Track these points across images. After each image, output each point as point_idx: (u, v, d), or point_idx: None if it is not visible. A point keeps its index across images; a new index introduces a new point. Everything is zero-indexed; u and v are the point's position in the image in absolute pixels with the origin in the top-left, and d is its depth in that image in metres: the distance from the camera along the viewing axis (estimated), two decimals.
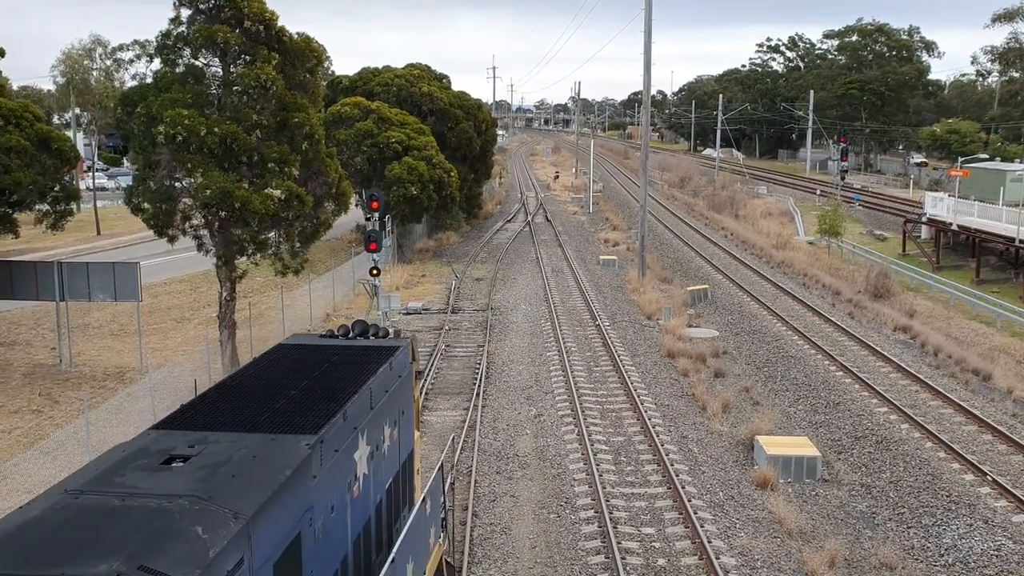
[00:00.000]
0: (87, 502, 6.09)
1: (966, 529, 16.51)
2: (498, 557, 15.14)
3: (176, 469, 6.76)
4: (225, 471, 6.73)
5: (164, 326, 32.71)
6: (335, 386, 9.07)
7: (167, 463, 6.84)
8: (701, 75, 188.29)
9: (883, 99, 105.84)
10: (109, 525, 5.75)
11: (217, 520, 6.02)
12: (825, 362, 27.53)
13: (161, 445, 7.19)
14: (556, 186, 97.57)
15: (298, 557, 7.24)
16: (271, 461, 7.07)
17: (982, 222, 45.45)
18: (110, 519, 5.83)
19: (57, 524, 5.77)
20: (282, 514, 6.90)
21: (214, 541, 5.81)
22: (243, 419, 7.95)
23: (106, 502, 6.08)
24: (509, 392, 24.42)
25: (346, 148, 42.41)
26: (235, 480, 6.61)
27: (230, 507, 6.23)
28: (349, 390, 8.96)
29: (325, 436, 7.85)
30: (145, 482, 6.46)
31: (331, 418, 8.10)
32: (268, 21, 23.79)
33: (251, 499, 6.45)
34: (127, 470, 6.69)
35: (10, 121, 27.40)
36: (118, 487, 6.36)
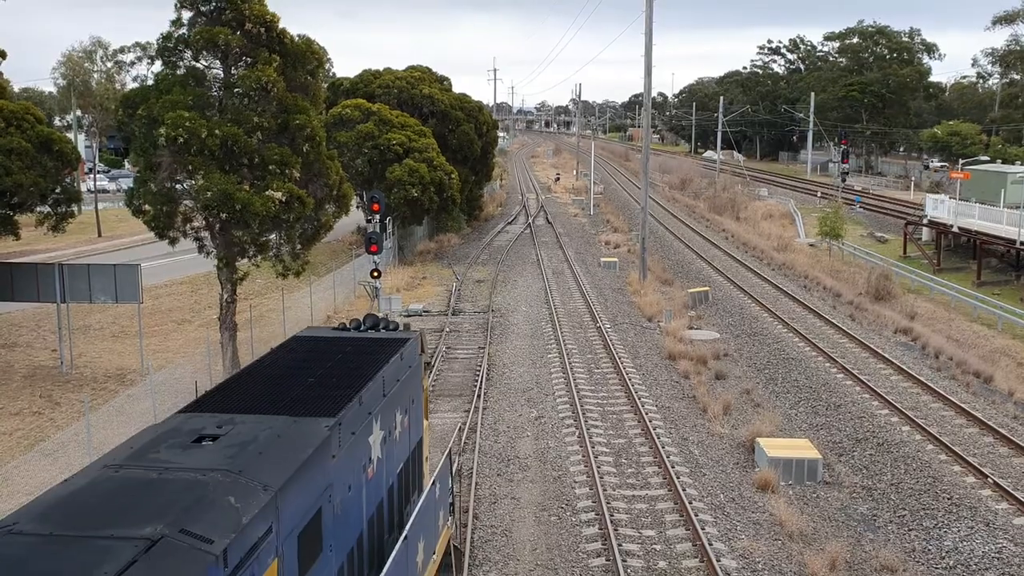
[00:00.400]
0: (127, 475, 6.57)
1: (967, 532, 16.49)
2: (499, 559, 15.13)
3: (207, 447, 7.21)
4: (252, 449, 7.17)
5: (165, 328, 32.71)
6: (350, 374, 9.52)
7: (198, 441, 7.31)
8: (702, 77, 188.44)
9: (884, 101, 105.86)
10: (149, 494, 6.23)
11: (248, 491, 6.50)
12: (826, 364, 27.52)
13: (191, 426, 7.69)
14: (557, 188, 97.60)
15: (319, 530, 7.72)
16: (294, 440, 7.54)
17: (983, 224, 45.44)
18: (150, 489, 6.31)
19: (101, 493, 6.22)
20: (305, 489, 7.36)
21: (246, 509, 6.30)
22: (266, 403, 8.42)
23: (145, 475, 6.58)
24: (510, 394, 24.41)
25: (347, 150, 42.42)
26: (262, 457, 7.06)
27: (259, 480, 6.70)
28: (363, 378, 9.38)
29: (343, 419, 8.31)
30: (179, 458, 6.93)
31: (348, 403, 8.57)
32: (269, 23, 23.81)
33: (278, 474, 6.92)
34: (161, 448, 7.19)
35: (11, 123, 27.42)
36: (154, 462, 6.85)
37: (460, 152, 54.86)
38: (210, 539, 5.81)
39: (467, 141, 55.69)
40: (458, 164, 51.95)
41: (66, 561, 5.27)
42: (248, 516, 6.28)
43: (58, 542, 5.51)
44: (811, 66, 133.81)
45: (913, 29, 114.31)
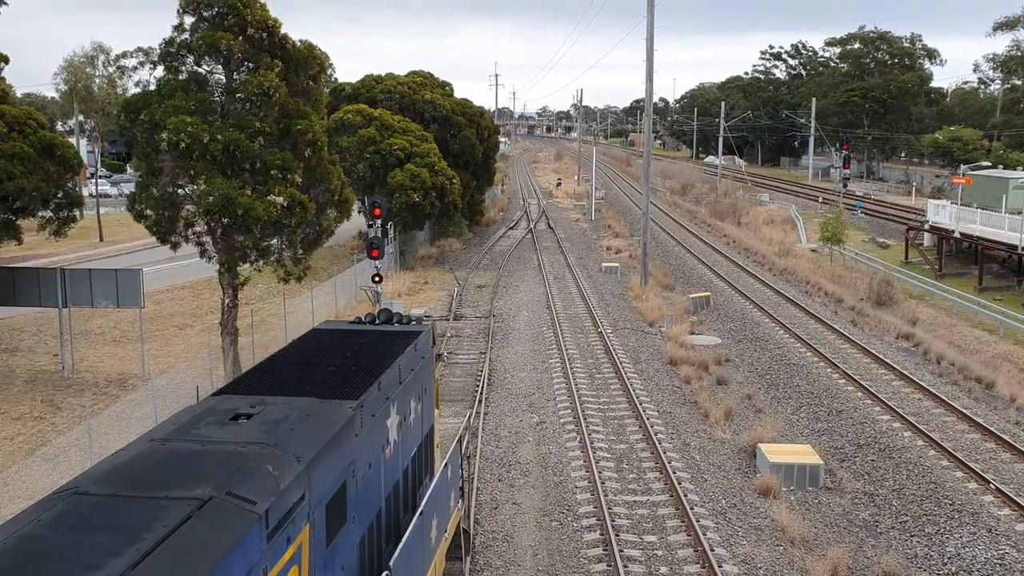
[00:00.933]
0: (173, 447, 7.21)
1: (969, 538, 16.46)
2: (500, 565, 15.11)
3: (243, 423, 7.82)
4: (285, 426, 7.77)
5: (166, 333, 32.72)
6: (368, 362, 10.17)
7: (234, 419, 7.91)
8: (703, 82, 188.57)
9: (885, 106, 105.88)
10: (196, 463, 6.87)
11: (283, 461, 7.15)
12: (827, 370, 27.49)
13: (226, 406, 8.29)
14: (558, 193, 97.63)
15: (344, 502, 8.34)
16: (321, 419, 8.14)
17: (984, 229, 45.42)
18: (196, 459, 6.96)
19: (153, 462, 6.89)
20: (332, 463, 8.00)
21: (283, 477, 6.95)
22: (293, 386, 9.06)
23: (189, 447, 7.21)
24: (511, 399, 24.40)
25: (349, 155, 42.45)
26: (294, 432, 7.67)
27: (293, 452, 7.34)
28: (381, 366, 10.03)
29: (364, 402, 8.95)
30: (219, 433, 7.56)
31: (368, 387, 9.22)
32: (271, 28, 23.84)
33: (309, 447, 7.55)
34: (201, 425, 7.79)
35: (14, 128, 27.46)
36: (197, 436, 7.47)
37: (462, 157, 54.90)
38: (253, 501, 6.46)
39: (468, 146, 55.75)
40: (459, 169, 51.98)
41: (129, 517, 5.90)
42: (285, 483, 6.92)
43: (120, 502, 6.16)
44: (812, 71, 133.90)
45: (914, 35, 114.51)
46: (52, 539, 5.64)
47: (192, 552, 5.67)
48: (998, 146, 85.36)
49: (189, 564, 5.53)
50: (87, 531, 5.75)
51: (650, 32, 40.53)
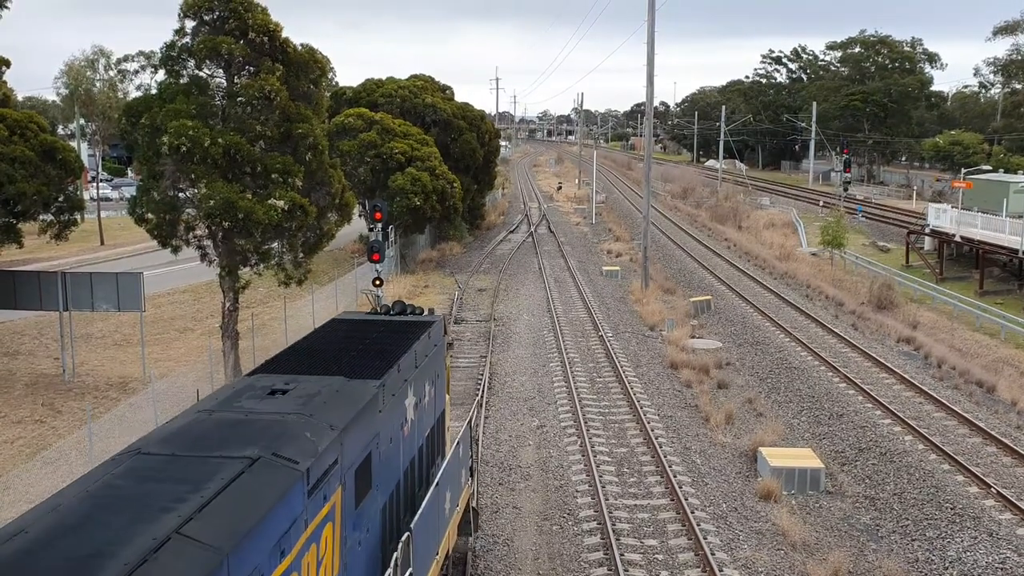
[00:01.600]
0: (220, 417, 7.99)
1: (971, 542, 16.44)
2: (500, 569, 15.09)
3: (280, 397, 8.57)
4: (318, 399, 8.51)
5: (167, 336, 32.72)
6: (387, 348, 10.93)
7: (271, 394, 8.66)
8: (704, 86, 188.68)
9: (886, 110, 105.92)
10: (243, 429, 7.64)
11: (319, 429, 7.92)
12: (828, 373, 27.48)
13: (262, 383, 9.05)
14: (559, 197, 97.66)
15: (369, 470, 9.15)
16: (349, 396, 8.93)
17: (985, 233, 45.40)
18: (242, 426, 7.74)
19: (204, 429, 7.63)
20: (360, 434, 8.80)
21: (320, 442, 7.73)
22: (321, 367, 9.81)
23: (234, 416, 8.01)
24: (512, 403, 24.38)
25: (349, 159, 42.50)
26: (327, 405, 8.43)
27: (327, 422, 8.10)
28: (399, 351, 10.78)
29: (386, 382, 9.71)
30: (259, 405, 8.34)
31: (389, 369, 10.02)
32: (272, 32, 23.88)
33: (340, 418, 8.32)
34: (241, 399, 8.56)
35: (15, 132, 27.49)
36: (239, 408, 8.24)
37: (462, 161, 54.94)
38: (296, 461, 7.27)
39: (469, 150, 55.78)
40: (460, 173, 52.01)
41: (190, 472, 6.71)
42: (321, 447, 7.71)
43: (181, 460, 6.98)
44: (813, 75, 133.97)
45: (915, 39, 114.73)
46: (127, 488, 6.46)
47: (247, 501, 6.50)
48: (999, 150, 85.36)
49: (245, 511, 6.37)
50: (156, 483, 6.55)
51: (651, 36, 40.57)
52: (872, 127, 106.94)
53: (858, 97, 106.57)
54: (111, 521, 5.87)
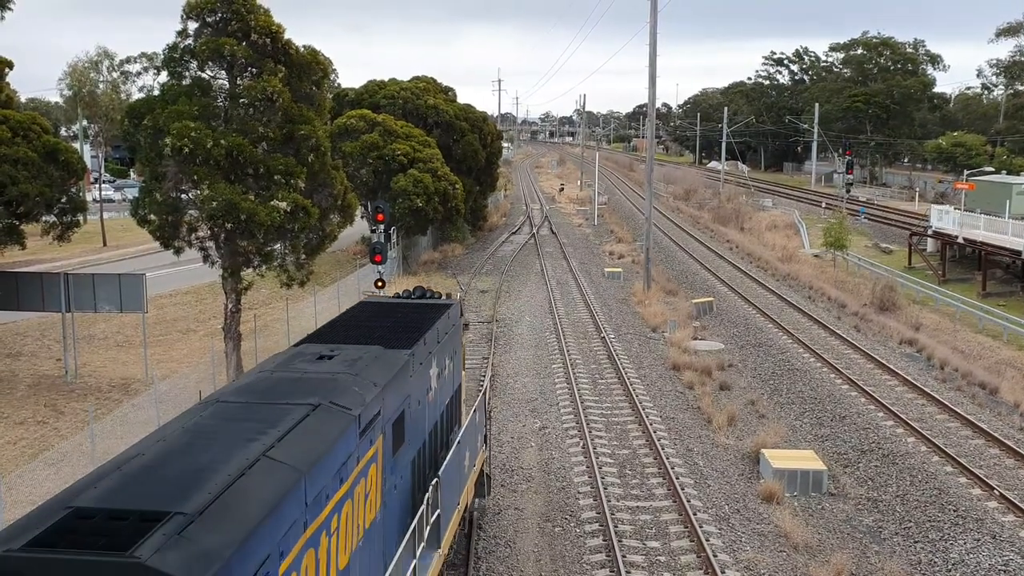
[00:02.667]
0: (280, 375, 9.41)
1: (973, 544, 16.41)
2: (503, 571, 15.08)
3: (328, 361, 9.91)
4: (361, 363, 9.83)
5: (169, 337, 32.74)
6: (412, 325, 12.32)
7: (320, 359, 9.99)
8: (706, 88, 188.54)
9: (888, 112, 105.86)
10: (302, 384, 9.01)
11: (365, 385, 9.27)
12: (831, 375, 27.45)
13: (310, 351, 10.43)
14: (561, 198, 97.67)
15: (403, 425, 10.50)
16: (386, 361, 10.26)
17: (988, 235, 45.36)
18: (300, 382, 9.11)
19: (269, 383, 9.06)
20: (396, 393, 10.14)
21: (366, 395, 9.08)
22: (358, 339, 11.14)
23: (292, 375, 9.39)
24: (514, 404, 24.37)
25: (352, 160, 42.51)
26: (368, 367, 9.76)
27: (371, 380, 9.47)
28: (423, 328, 12.15)
29: (415, 352, 11.14)
30: (311, 367, 9.68)
31: (416, 341, 11.38)
32: (275, 34, 23.89)
33: (381, 378, 9.66)
34: (295, 362, 9.91)
35: (18, 133, 27.51)
36: (295, 369, 9.62)
37: (464, 162, 54.94)
38: (350, 408, 8.62)
39: (471, 151, 55.79)
40: (462, 174, 52.01)
41: (266, 415, 8.01)
42: (368, 399, 9.05)
43: (255, 406, 8.29)
44: (815, 77, 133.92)
45: (917, 40, 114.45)
46: (216, 426, 7.70)
47: (314, 436, 7.85)
48: (1001, 151, 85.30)
49: (313, 443, 7.70)
50: (239, 422, 7.79)
51: (653, 38, 40.57)
52: (874, 129, 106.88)
53: (860, 99, 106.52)
54: (209, 448, 7.16)
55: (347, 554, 8.32)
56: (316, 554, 7.38)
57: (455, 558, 14.16)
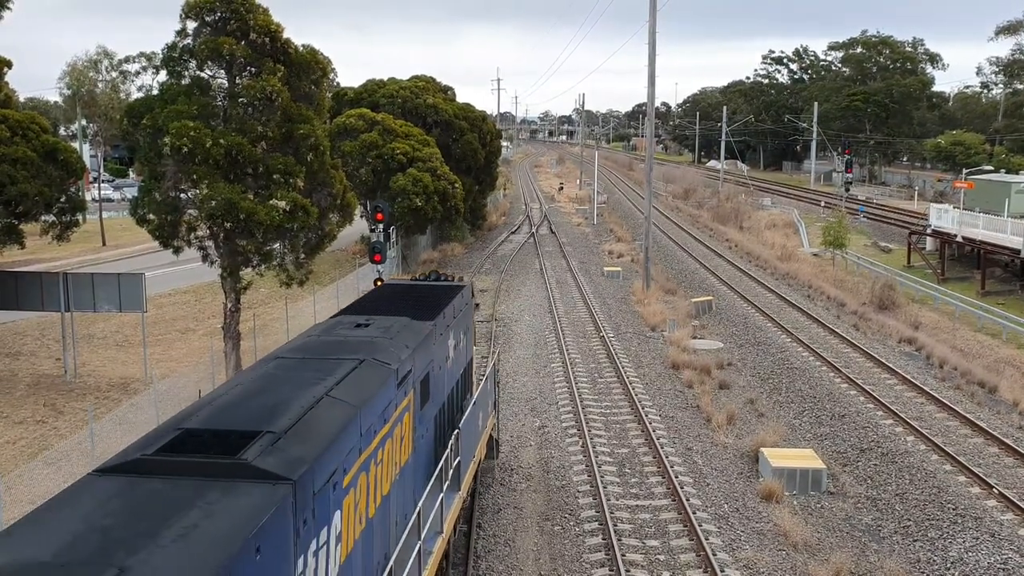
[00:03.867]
0: (326, 338, 11.10)
1: (972, 542, 16.42)
2: (502, 570, 15.09)
3: (365, 328, 11.56)
4: (393, 329, 11.49)
5: (169, 337, 32.74)
6: (432, 302, 13.95)
7: (358, 327, 11.68)
8: (705, 87, 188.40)
9: (887, 111, 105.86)
10: (346, 344, 10.67)
11: (400, 346, 10.93)
12: (830, 374, 27.46)
13: (348, 320, 12.15)
14: (560, 198, 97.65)
15: (428, 384, 12.16)
16: (414, 329, 11.88)
17: (987, 234, 45.36)
18: (345, 343, 10.78)
19: (319, 344, 10.78)
20: (423, 356, 11.82)
21: (401, 354, 10.70)
22: (387, 312, 12.73)
23: (337, 339, 11.05)
24: (513, 403, 24.37)
25: (351, 160, 42.50)
26: (400, 333, 11.41)
27: (403, 343, 11.13)
28: (441, 304, 13.79)
29: (436, 323, 12.83)
30: (351, 332, 11.35)
31: (437, 315, 13.09)
32: (274, 33, 23.89)
33: (411, 341, 11.32)
34: (336, 329, 11.60)
35: (17, 132, 27.51)
36: (338, 334, 11.28)
37: (464, 162, 54.92)
38: (389, 363, 10.25)
39: (471, 151, 55.76)
40: (462, 174, 51.99)
41: (321, 368, 9.52)
42: (403, 357, 10.66)
43: (311, 360, 9.90)
44: (815, 76, 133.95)
45: (916, 39, 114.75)
46: (281, 374, 9.33)
47: (363, 383, 9.43)
48: (1000, 150, 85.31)
49: (362, 388, 9.31)
50: (300, 372, 9.37)
51: (652, 37, 40.57)
52: (874, 127, 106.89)
53: (860, 97, 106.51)
54: (282, 389, 8.76)
55: (388, 484, 9.98)
56: (367, 477, 9.08)
57: (455, 557, 14.17)
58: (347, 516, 8.30)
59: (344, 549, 8.20)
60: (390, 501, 10.02)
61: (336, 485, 7.96)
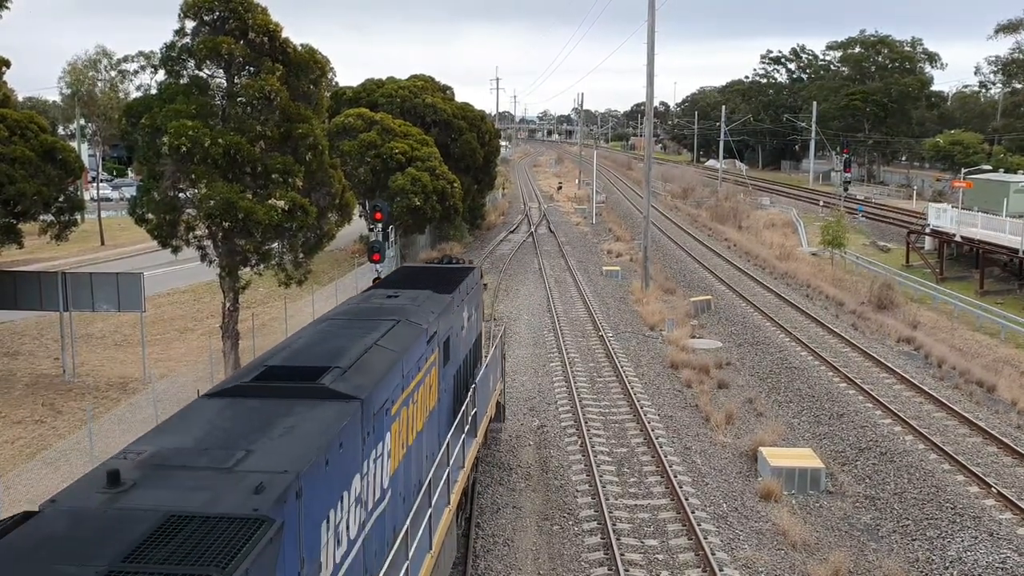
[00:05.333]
0: (364, 306, 13.12)
1: (971, 542, 16.43)
2: (501, 569, 15.09)
3: (396, 298, 13.45)
4: (420, 299, 13.45)
5: (167, 336, 32.73)
6: (448, 279, 15.74)
7: (389, 297, 13.60)
8: (704, 86, 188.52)
9: (886, 110, 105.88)
10: (383, 310, 12.64)
11: (427, 311, 12.82)
12: (829, 373, 27.47)
13: (379, 293, 14.16)
14: (559, 197, 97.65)
15: (449, 346, 13.98)
16: (436, 299, 13.81)
17: (986, 233, 45.40)
18: (382, 309, 12.69)
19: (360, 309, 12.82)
20: (446, 321, 13.70)
21: (429, 318, 12.54)
22: (411, 286, 14.48)
23: (373, 305, 13.08)
24: (511, 403, 24.36)
25: (350, 159, 42.47)
26: (426, 302, 13.37)
27: (429, 309, 12.99)
28: (456, 281, 15.71)
29: (454, 296, 14.65)
30: (386, 301, 13.30)
31: (454, 290, 14.91)
32: (272, 33, 23.88)
33: (436, 309, 13.23)
34: (371, 300, 13.62)
35: (15, 132, 27.49)
36: (374, 303, 13.23)
37: (462, 161, 54.88)
38: (420, 323, 12.07)
39: (469, 150, 55.73)
40: (460, 173, 51.95)
41: (366, 325, 11.51)
42: (431, 320, 12.55)
43: (356, 320, 11.91)
44: (813, 75, 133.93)
45: (915, 39, 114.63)
46: (335, 331, 11.25)
47: (401, 338, 11.23)
48: (999, 150, 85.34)
49: (402, 340, 11.13)
50: (349, 328, 11.34)
51: (651, 36, 40.57)
52: (872, 127, 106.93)
53: (858, 97, 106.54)
54: (337, 341, 10.63)
55: (420, 422, 11.69)
56: (407, 412, 10.81)
57: (456, 558, 14.17)
58: (394, 438, 10.19)
59: (392, 464, 10.11)
60: (422, 437, 11.84)
61: (387, 411, 9.83)
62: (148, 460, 7.11)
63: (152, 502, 6.30)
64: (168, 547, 5.70)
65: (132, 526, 5.95)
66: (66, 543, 5.76)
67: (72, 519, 6.11)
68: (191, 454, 7.23)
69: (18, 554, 5.64)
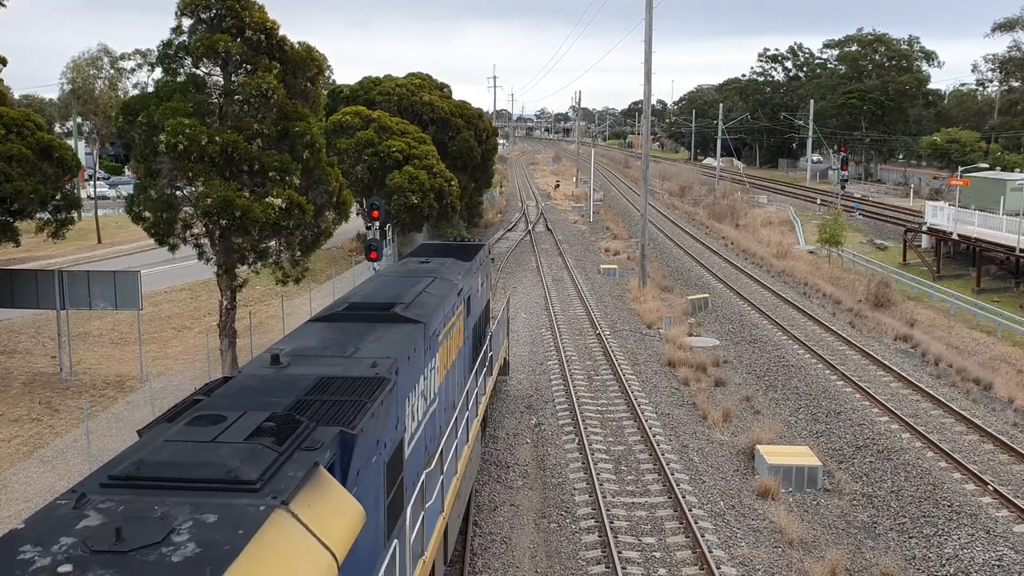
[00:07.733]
0: (405, 268, 16.64)
1: (967, 539, 16.46)
2: (498, 567, 15.10)
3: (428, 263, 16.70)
4: (447, 264, 16.55)
5: (165, 335, 32.70)
6: (464, 252, 18.85)
7: (423, 263, 16.71)
8: (701, 85, 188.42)
9: (883, 108, 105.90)
10: (421, 271, 16.00)
11: (454, 272, 16.03)
12: (826, 371, 27.50)
13: (413, 260, 17.39)
14: (557, 195, 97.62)
15: (470, 303, 16.57)
16: (459, 265, 17.04)
17: (982, 231, 45.45)
18: (419, 270, 16.11)
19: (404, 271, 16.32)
20: (467, 281, 16.62)
21: (456, 277, 15.71)
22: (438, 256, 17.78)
23: (412, 268, 16.42)
24: (509, 401, 24.38)
25: (347, 157, 42.42)
26: (452, 266, 16.41)
27: (456, 271, 16.20)
28: (469, 255, 18.62)
29: (471, 264, 17.90)
30: (421, 266, 16.45)
31: (473, 257, 18.56)
32: (269, 30, 23.83)
33: (460, 271, 16.25)
34: (409, 264, 17.01)
35: (12, 130, 27.42)
36: (413, 266, 16.53)
37: (460, 159, 54.85)
38: (452, 280, 15.24)
39: (467, 148, 55.69)
40: (458, 171, 51.91)
41: (412, 280, 14.59)
42: (458, 279, 15.62)
43: (405, 277, 15.03)
44: (810, 74, 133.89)
45: (912, 37, 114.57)
46: (391, 282, 14.50)
47: (440, 288, 14.25)
48: (996, 148, 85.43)
49: (441, 291, 14.22)
50: (402, 280, 14.82)
51: (648, 34, 40.55)
52: (869, 125, 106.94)
53: (855, 95, 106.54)
54: (395, 288, 13.87)
55: (454, 356, 14.47)
56: (447, 344, 13.70)
57: (453, 556, 14.17)
58: (441, 359, 12.99)
59: (439, 377, 12.84)
60: (455, 368, 14.55)
61: (437, 336, 12.70)
62: (291, 352, 10.19)
63: (307, 371, 9.42)
64: (328, 391, 8.71)
65: (300, 382, 8.95)
66: (263, 390, 8.72)
67: (259, 380, 9.12)
68: (318, 350, 10.46)
69: (237, 392, 8.66)
